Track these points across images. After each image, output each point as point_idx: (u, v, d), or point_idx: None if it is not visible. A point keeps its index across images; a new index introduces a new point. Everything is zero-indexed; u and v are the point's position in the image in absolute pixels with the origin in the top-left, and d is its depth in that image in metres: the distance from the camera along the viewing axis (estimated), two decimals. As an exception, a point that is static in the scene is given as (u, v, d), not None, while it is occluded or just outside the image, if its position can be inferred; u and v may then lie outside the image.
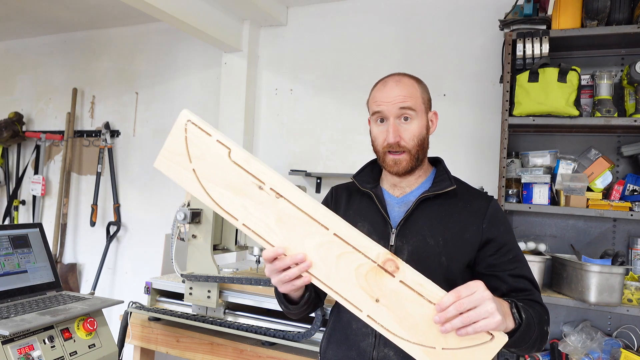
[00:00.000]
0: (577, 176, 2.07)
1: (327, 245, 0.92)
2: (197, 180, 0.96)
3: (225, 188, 0.96)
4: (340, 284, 0.92)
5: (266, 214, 0.95)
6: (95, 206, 3.54)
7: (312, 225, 0.93)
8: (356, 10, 2.90)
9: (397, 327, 0.89)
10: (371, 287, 0.90)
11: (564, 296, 2.02)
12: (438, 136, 2.65)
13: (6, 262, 1.85)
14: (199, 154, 0.97)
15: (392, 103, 1.14)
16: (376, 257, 0.91)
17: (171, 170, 0.98)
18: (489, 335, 0.85)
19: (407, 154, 1.15)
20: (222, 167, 0.96)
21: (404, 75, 1.20)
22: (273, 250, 0.95)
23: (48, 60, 3.96)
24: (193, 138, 0.97)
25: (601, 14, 1.96)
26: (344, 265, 0.92)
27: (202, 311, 2.05)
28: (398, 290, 0.89)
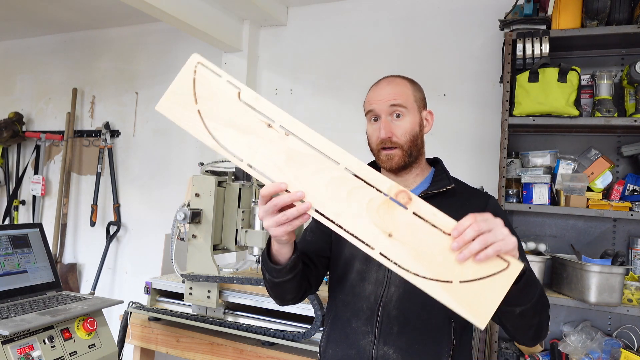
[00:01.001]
0: (577, 176, 2.07)
1: (337, 181, 0.89)
2: (201, 120, 0.94)
3: (232, 127, 0.93)
4: (352, 221, 0.88)
5: (274, 152, 0.91)
6: (95, 206, 3.54)
7: (323, 161, 0.90)
8: (356, 10, 2.90)
9: (412, 262, 0.85)
10: (384, 221, 0.87)
11: (564, 296, 2.02)
12: (438, 136, 2.65)
13: (6, 262, 1.85)
14: (206, 95, 0.94)
15: (383, 101, 1.18)
16: (388, 190, 0.88)
17: (173, 112, 0.95)
18: (504, 262, 0.83)
19: (399, 149, 1.17)
20: (230, 106, 0.93)
21: (397, 76, 1.25)
22: (274, 185, 0.91)
23: (48, 60, 3.96)
24: (201, 79, 0.95)
25: (601, 14, 1.96)
26: (355, 201, 0.88)
27: (202, 311, 2.05)
28: (411, 223, 0.86)
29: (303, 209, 0.90)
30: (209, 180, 2.01)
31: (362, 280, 1.19)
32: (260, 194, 0.94)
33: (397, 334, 1.13)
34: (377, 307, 1.15)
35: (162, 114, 0.96)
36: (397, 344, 1.12)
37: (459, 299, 0.83)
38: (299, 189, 0.90)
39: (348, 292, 1.20)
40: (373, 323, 1.15)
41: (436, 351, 1.13)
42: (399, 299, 1.14)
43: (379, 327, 1.14)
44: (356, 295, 1.19)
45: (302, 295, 1.22)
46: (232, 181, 2.13)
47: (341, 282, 1.23)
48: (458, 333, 1.15)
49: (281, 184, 0.91)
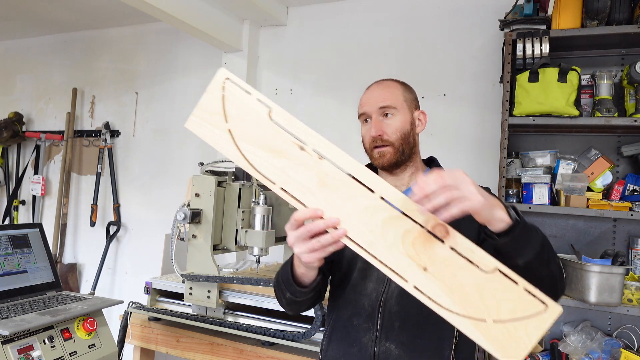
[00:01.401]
0: (577, 176, 2.07)
1: (372, 209, 0.86)
2: (233, 140, 0.90)
3: (263, 149, 0.90)
4: (385, 252, 0.85)
5: (307, 176, 0.89)
6: (95, 206, 3.54)
7: (357, 188, 0.88)
8: (356, 10, 2.90)
9: (445, 298, 0.83)
10: (419, 254, 0.84)
11: (564, 296, 2.02)
12: (438, 136, 2.66)
13: (6, 262, 1.85)
14: (236, 114, 0.91)
15: (372, 103, 1.21)
16: (425, 222, 0.85)
17: (203, 130, 0.92)
18: (542, 304, 0.81)
19: (390, 147, 1.19)
20: (261, 127, 0.90)
21: (387, 79, 1.28)
22: (311, 211, 0.88)
23: (48, 60, 3.96)
24: (230, 96, 0.92)
25: (601, 14, 1.96)
26: (390, 231, 0.85)
27: (202, 311, 2.05)
28: (448, 258, 0.83)
29: (338, 235, 0.88)
30: (209, 180, 2.01)
31: (363, 279, 1.19)
32: (294, 218, 0.91)
33: (398, 329, 1.13)
34: (379, 303, 1.16)
35: (192, 131, 0.93)
36: (398, 339, 1.13)
37: (490, 339, 0.80)
38: (332, 215, 0.88)
39: (350, 291, 1.21)
40: (374, 319, 1.15)
41: (438, 346, 1.13)
42: (399, 295, 1.14)
43: (380, 323, 1.14)
44: (358, 293, 1.19)
45: (314, 304, 1.24)
46: (232, 181, 2.13)
47: (343, 281, 1.23)
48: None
49: (317, 210, 0.88)
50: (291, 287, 1.12)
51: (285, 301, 1.18)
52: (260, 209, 1.99)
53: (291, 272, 1.11)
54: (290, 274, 1.11)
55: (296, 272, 1.10)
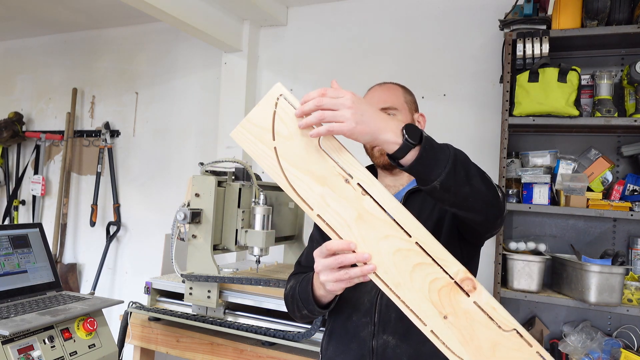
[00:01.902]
0: (577, 176, 2.07)
1: (405, 253, 0.88)
2: (277, 159, 0.90)
3: (307, 174, 0.90)
4: (410, 294, 0.88)
5: (347, 208, 0.89)
6: (95, 206, 3.54)
7: (394, 229, 0.89)
8: (356, 10, 2.90)
9: (460, 347, 0.86)
10: (442, 303, 0.87)
11: (564, 296, 2.02)
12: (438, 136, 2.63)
13: (6, 262, 1.85)
14: (286, 133, 0.90)
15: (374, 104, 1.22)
16: (455, 274, 0.87)
17: (248, 143, 0.91)
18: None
19: None
20: (308, 151, 0.90)
21: (388, 82, 1.32)
22: (344, 243, 0.89)
23: (48, 60, 3.96)
24: (283, 114, 0.90)
25: (601, 14, 1.96)
26: (419, 276, 0.88)
27: (202, 311, 2.05)
28: (470, 311, 0.86)
29: (367, 271, 0.89)
30: (209, 180, 2.01)
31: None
32: (326, 247, 0.92)
33: (395, 320, 1.14)
34: (376, 298, 1.17)
35: (236, 141, 0.93)
36: (395, 330, 1.14)
37: None
38: (364, 251, 0.89)
39: (350, 290, 1.21)
40: (372, 314, 1.17)
41: None
42: None
43: (378, 316, 1.16)
44: (357, 291, 1.20)
45: None
46: (232, 181, 2.13)
47: None
48: None
49: (351, 243, 0.89)
50: (310, 306, 1.15)
51: (300, 315, 1.21)
52: (260, 209, 1.99)
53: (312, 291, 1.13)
54: (310, 294, 1.13)
55: (316, 293, 1.12)
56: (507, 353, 0.85)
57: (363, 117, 0.85)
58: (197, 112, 3.32)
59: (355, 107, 0.85)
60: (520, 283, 2.06)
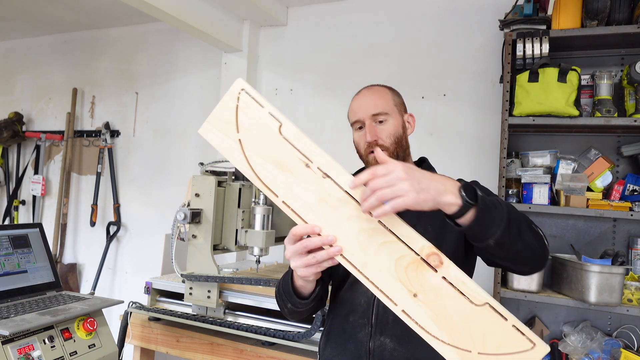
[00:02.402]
0: (577, 176, 2.07)
1: (369, 232, 0.88)
2: (242, 150, 0.94)
3: (270, 162, 0.93)
4: (378, 274, 0.87)
5: (309, 192, 0.91)
6: (95, 206, 3.54)
7: (356, 209, 0.89)
8: (356, 10, 2.90)
9: (433, 325, 0.85)
10: (411, 280, 0.86)
11: (564, 296, 2.02)
12: (438, 136, 2.66)
13: (6, 262, 1.85)
14: (247, 125, 0.94)
15: (365, 110, 1.24)
16: (420, 250, 0.87)
17: (215, 138, 0.95)
18: (530, 343, 0.82)
19: (385, 151, 1.22)
20: (270, 140, 0.93)
21: (375, 85, 1.32)
22: (308, 227, 0.90)
23: (48, 60, 3.96)
24: (244, 107, 0.95)
25: (601, 14, 1.96)
26: (385, 255, 0.88)
27: (202, 311, 2.05)
28: (439, 287, 0.85)
29: (333, 253, 0.90)
30: (209, 180, 2.01)
31: None
32: (292, 233, 0.94)
33: (392, 322, 1.14)
34: (373, 298, 1.17)
35: (204, 137, 0.96)
36: (393, 332, 1.14)
37: None
38: (329, 233, 0.90)
39: (347, 290, 1.22)
40: (369, 315, 1.17)
41: None
42: None
43: (375, 318, 1.16)
44: (355, 292, 1.20)
45: (316, 311, 1.26)
46: (232, 181, 2.13)
47: (342, 282, 1.25)
48: None
49: (315, 226, 0.90)
50: (292, 298, 1.14)
51: (287, 311, 1.20)
52: (260, 209, 1.99)
53: (291, 283, 1.13)
54: (290, 286, 1.13)
55: (296, 284, 1.12)
56: (482, 328, 0.83)
57: (421, 184, 0.84)
58: (197, 112, 3.32)
59: (409, 177, 0.84)
60: (520, 283, 2.06)
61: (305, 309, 1.16)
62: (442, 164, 1.34)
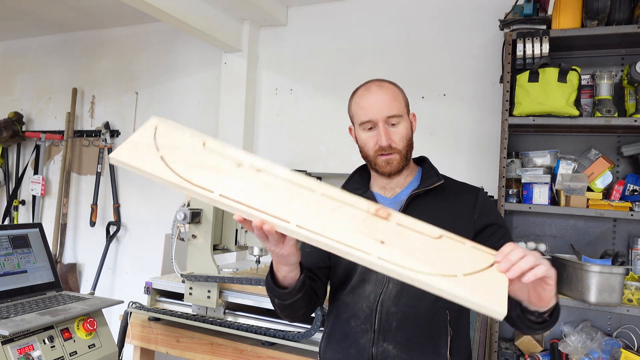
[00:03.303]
0: (577, 176, 2.07)
1: (316, 204, 0.89)
2: (165, 163, 0.90)
3: (198, 168, 0.90)
4: (340, 233, 0.86)
5: (247, 183, 0.90)
6: (95, 206, 3.54)
7: (298, 189, 0.91)
8: (356, 10, 2.90)
9: (413, 262, 0.83)
10: (371, 231, 0.87)
11: (564, 296, 2.02)
12: (438, 136, 2.66)
13: (6, 262, 1.85)
14: (169, 145, 0.92)
15: (379, 111, 1.19)
16: (367, 208, 0.90)
17: (133, 158, 0.90)
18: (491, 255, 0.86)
19: (397, 154, 1.20)
20: (195, 153, 0.92)
21: (385, 82, 1.26)
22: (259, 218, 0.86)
23: (48, 60, 3.96)
24: (163, 134, 0.93)
25: (601, 14, 1.96)
26: (339, 217, 0.88)
27: (202, 311, 2.05)
28: (398, 231, 0.88)
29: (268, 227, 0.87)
30: (209, 180, 2.01)
31: (363, 282, 1.20)
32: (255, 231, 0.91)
33: (395, 329, 1.14)
34: (376, 305, 1.16)
35: (121, 161, 0.89)
36: (396, 339, 1.13)
37: (471, 290, 0.81)
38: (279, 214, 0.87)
39: (349, 293, 1.21)
40: (372, 321, 1.16)
41: (434, 343, 1.14)
42: (397, 295, 1.15)
43: (378, 324, 1.15)
44: (356, 296, 1.19)
45: (312, 308, 1.23)
46: (232, 181, 2.13)
47: (343, 285, 1.24)
48: (454, 323, 1.17)
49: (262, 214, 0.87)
50: (276, 291, 1.13)
51: (278, 308, 1.19)
52: (260, 209, 1.99)
53: (272, 278, 1.13)
54: (271, 280, 1.13)
55: (278, 277, 1.11)
56: (451, 254, 0.86)
57: None
58: (197, 112, 3.32)
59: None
60: (520, 283, 2.05)
61: (292, 300, 1.12)
62: (442, 163, 1.34)
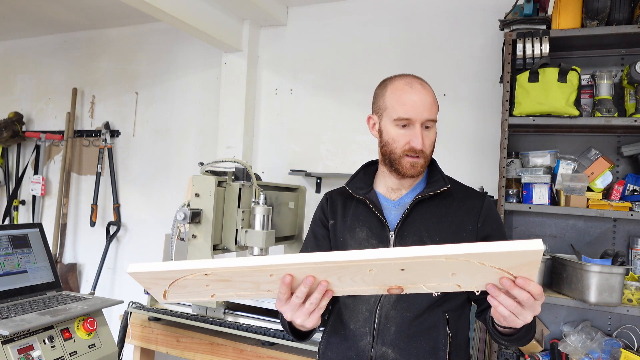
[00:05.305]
0: (577, 176, 2.07)
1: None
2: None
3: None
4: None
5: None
6: (95, 206, 3.54)
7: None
8: (356, 10, 2.90)
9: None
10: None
11: (564, 296, 2.02)
12: (438, 136, 2.62)
13: (6, 262, 1.85)
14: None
15: (421, 112, 1.14)
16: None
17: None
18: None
19: (424, 159, 1.18)
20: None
21: (425, 83, 1.20)
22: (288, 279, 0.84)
23: (48, 60, 3.96)
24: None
25: (601, 14, 1.96)
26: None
27: (202, 311, 2.05)
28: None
29: (323, 287, 0.85)
30: (209, 180, 2.01)
31: None
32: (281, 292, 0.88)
33: (394, 333, 1.13)
34: (375, 308, 1.16)
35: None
36: (395, 343, 1.13)
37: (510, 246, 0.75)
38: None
39: (348, 296, 1.21)
40: (371, 324, 1.16)
41: (433, 346, 1.14)
42: (396, 300, 1.15)
43: (377, 327, 1.15)
44: (357, 298, 1.19)
45: None
46: (232, 181, 2.13)
47: None
48: (453, 326, 1.17)
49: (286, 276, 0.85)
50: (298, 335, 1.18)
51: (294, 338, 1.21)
52: (260, 209, 1.99)
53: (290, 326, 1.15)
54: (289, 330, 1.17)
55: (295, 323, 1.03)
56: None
57: None
58: (197, 112, 3.32)
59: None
60: (520, 283, 2.05)
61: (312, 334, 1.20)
62: (442, 163, 1.33)
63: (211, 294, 0.91)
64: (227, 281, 0.86)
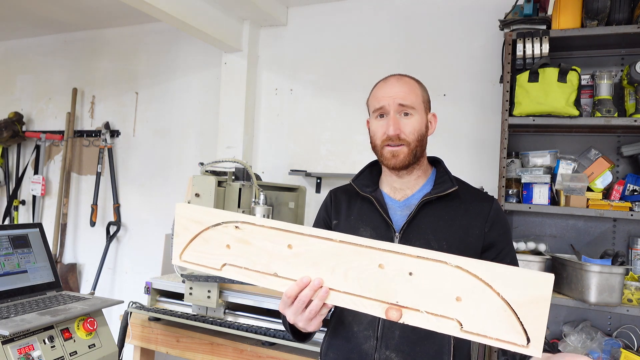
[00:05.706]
0: (577, 176, 2.07)
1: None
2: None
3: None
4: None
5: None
6: (95, 206, 3.54)
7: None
8: (356, 10, 2.90)
9: None
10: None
11: (564, 296, 2.02)
12: (438, 136, 2.65)
13: (6, 262, 1.85)
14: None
15: (392, 98, 1.16)
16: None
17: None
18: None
19: (405, 146, 1.15)
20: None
21: (405, 75, 1.23)
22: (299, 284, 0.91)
23: (48, 60, 3.96)
24: None
25: (601, 14, 1.96)
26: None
27: (202, 311, 2.05)
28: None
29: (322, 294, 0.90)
30: (209, 180, 2.01)
31: None
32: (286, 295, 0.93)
33: (398, 337, 1.13)
34: None
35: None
36: (399, 347, 1.12)
37: None
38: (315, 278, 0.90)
39: None
40: (375, 327, 1.15)
41: (438, 351, 1.13)
42: None
43: (381, 331, 1.14)
44: None
45: None
46: (232, 181, 2.13)
47: None
48: None
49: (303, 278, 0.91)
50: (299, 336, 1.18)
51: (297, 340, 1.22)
52: (260, 209, 1.99)
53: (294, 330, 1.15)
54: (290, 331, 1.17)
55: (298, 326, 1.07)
56: None
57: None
58: (197, 112, 3.32)
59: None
60: (520, 283, 2.05)
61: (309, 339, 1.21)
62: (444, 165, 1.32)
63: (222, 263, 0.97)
64: (247, 244, 0.94)
